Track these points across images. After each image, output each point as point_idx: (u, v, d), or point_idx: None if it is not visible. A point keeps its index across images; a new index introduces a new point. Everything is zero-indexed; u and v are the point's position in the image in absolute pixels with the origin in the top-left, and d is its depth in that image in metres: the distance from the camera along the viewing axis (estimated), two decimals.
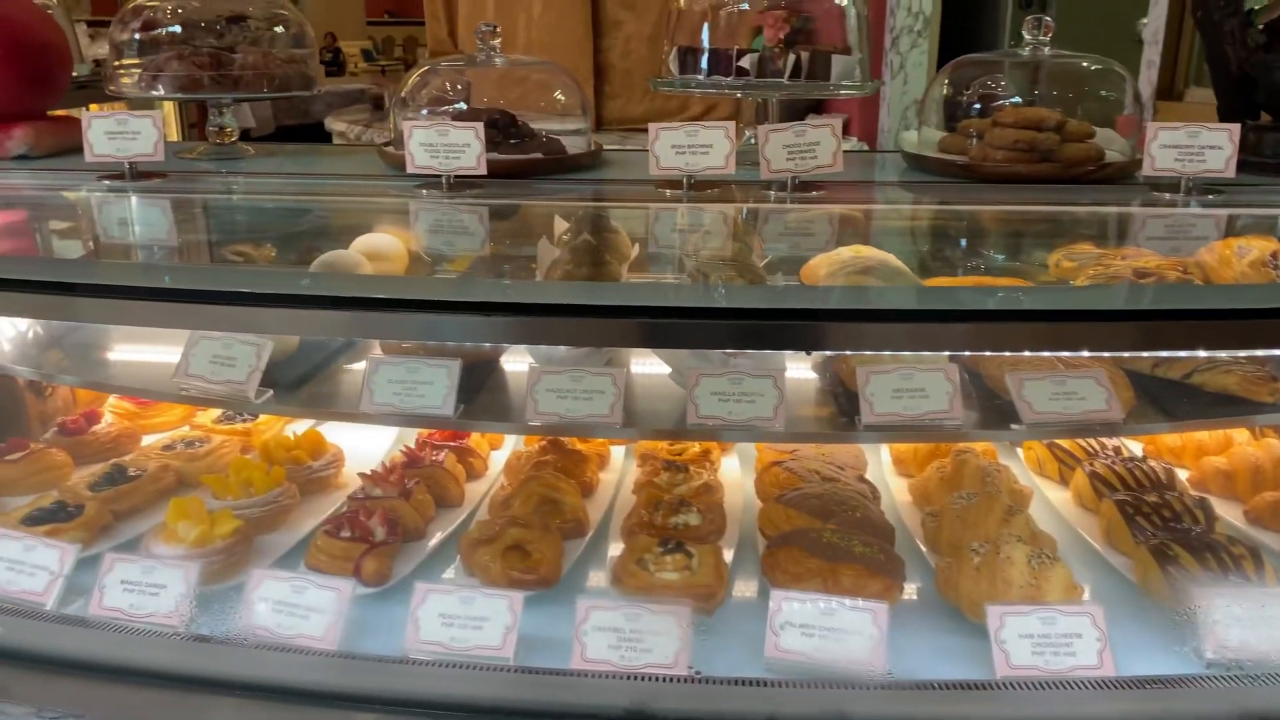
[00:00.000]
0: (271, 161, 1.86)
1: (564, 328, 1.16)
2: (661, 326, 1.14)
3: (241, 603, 1.28)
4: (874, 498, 1.57)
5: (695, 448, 1.71)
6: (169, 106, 4.46)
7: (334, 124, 4.37)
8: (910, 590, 1.41)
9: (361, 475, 1.55)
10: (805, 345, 1.28)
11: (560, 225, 1.57)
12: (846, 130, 3.46)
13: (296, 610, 1.26)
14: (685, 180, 1.53)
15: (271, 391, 1.40)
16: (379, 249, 1.59)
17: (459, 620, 1.24)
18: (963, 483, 1.57)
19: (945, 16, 3.10)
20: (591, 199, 1.65)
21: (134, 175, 1.64)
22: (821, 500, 1.49)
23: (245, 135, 6.26)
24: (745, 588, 1.43)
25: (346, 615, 1.25)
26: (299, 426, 1.71)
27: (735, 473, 1.76)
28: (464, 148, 1.52)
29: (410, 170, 1.54)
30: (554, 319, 1.15)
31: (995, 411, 1.32)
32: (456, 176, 1.55)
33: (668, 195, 1.56)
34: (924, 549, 1.50)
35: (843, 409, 1.35)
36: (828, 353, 1.43)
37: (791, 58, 1.62)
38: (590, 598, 1.25)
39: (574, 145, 1.79)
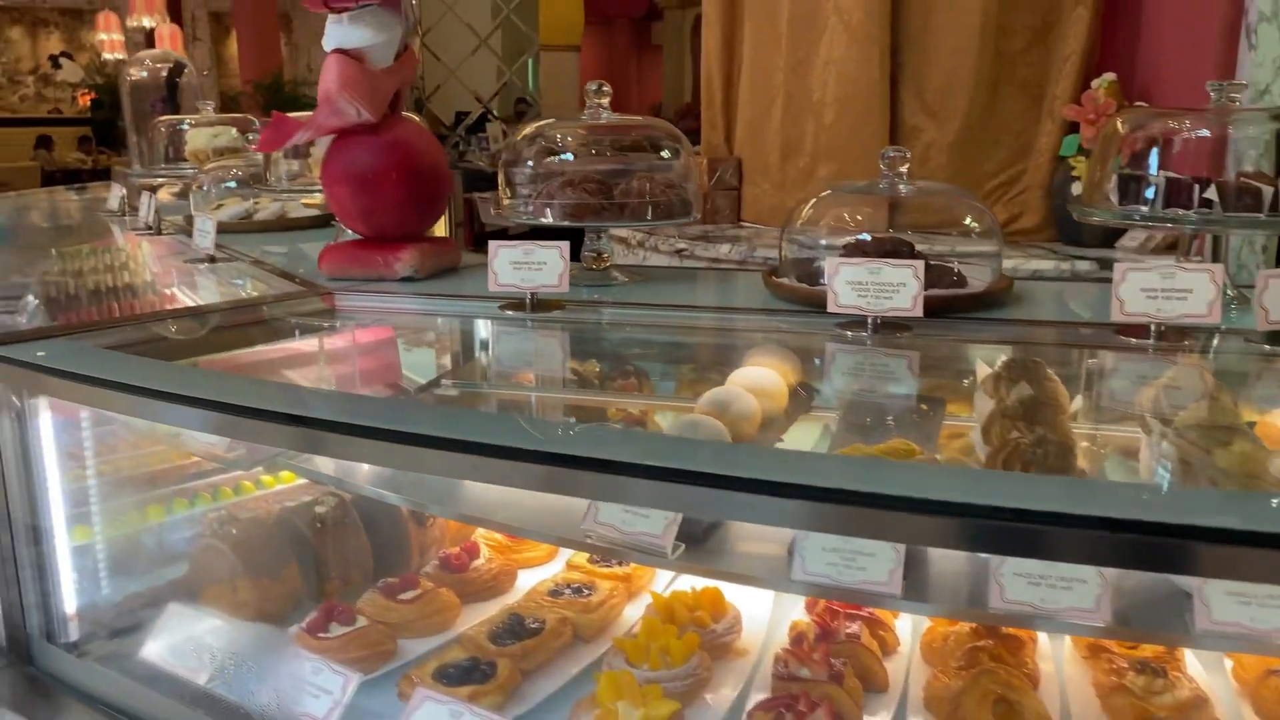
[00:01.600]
0: (648, 289, 1.81)
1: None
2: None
3: None
4: None
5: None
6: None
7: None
8: None
9: (785, 651, 1.40)
10: None
11: (990, 372, 1.41)
12: None
13: None
14: (1152, 328, 1.35)
15: (684, 546, 1.30)
16: (760, 385, 1.49)
17: None
18: None
19: None
20: (1025, 341, 1.49)
21: (534, 305, 1.61)
22: None
23: (503, 232, 6.48)
24: None
25: None
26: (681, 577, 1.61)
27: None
28: (898, 287, 1.39)
29: (833, 309, 1.44)
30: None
31: None
32: (883, 319, 1.42)
33: (1133, 344, 1.38)
34: None
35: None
36: None
37: (1268, 189, 1.42)
38: None
39: (978, 276, 1.64)
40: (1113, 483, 1.23)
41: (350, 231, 2.02)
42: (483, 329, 1.72)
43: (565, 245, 1.58)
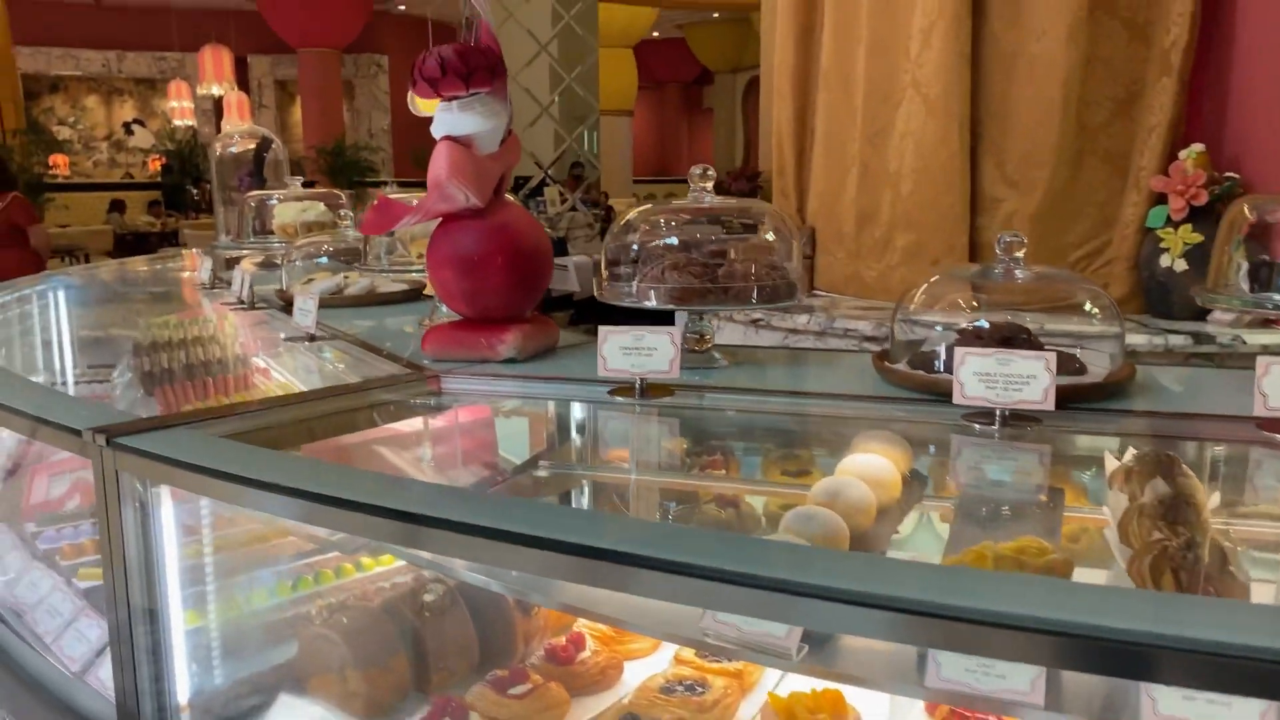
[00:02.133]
0: (753, 373, 1.79)
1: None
2: None
3: None
4: None
5: None
6: None
7: None
8: None
9: None
10: None
11: (1120, 466, 1.37)
12: None
13: None
14: None
15: (807, 648, 1.26)
16: (873, 474, 1.45)
17: None
18: None
19: None
20: (1157, 434, 1.44)
21: (643, 391, 1.59)
22: None
23: (568, 299, 6.45)
24: None
25: None
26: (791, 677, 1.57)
27: None
28: (1029, 379, 1.36)
29: (959, 400, 1.40)
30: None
31: None
32: (1012, 411, 1.39)
33: (1278, 440, 1.32)
34: None
35: None
36: None
37: None
38: None
39: (1097, 362, 1.60)
40: None
41: (444, 308, 2.04)
42: (593, 415, 1.71)
43: (676, 331, 1.57)
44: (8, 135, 12.67)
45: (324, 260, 2.77)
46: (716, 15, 19.59)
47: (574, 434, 1.78)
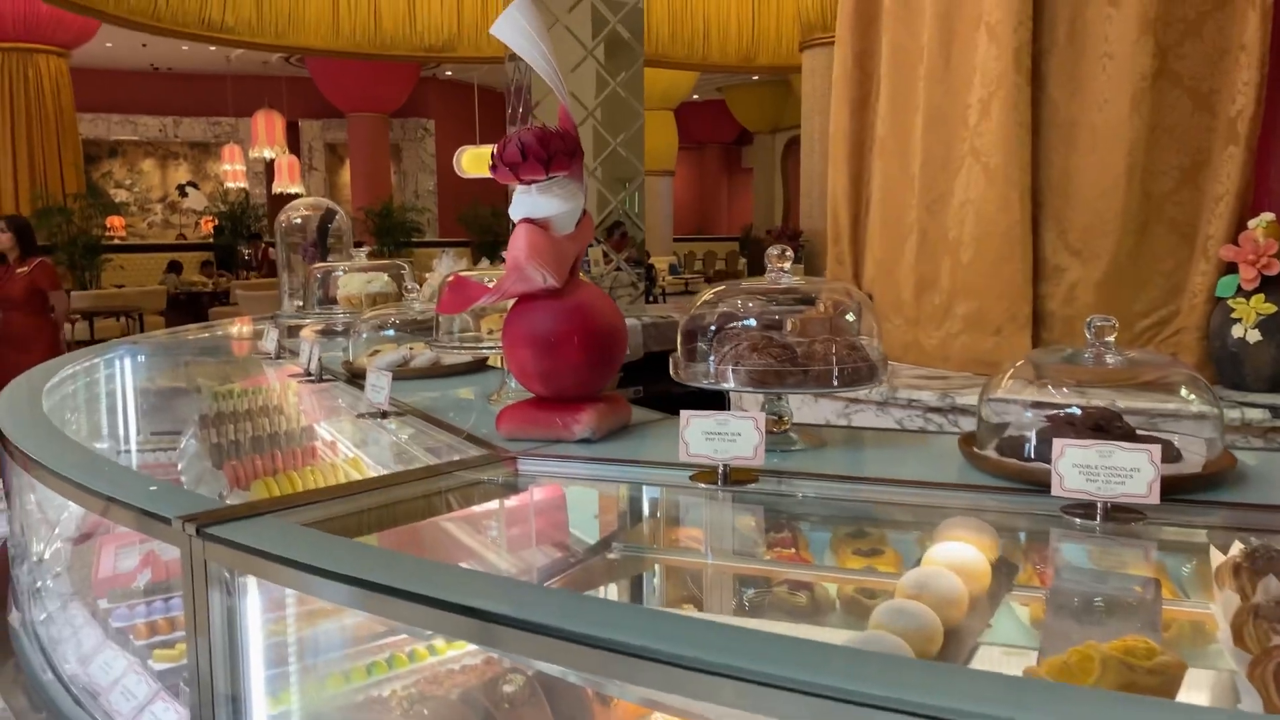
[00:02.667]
0: (834, 456, 1.76)
1: None
2: None
3: None
4: None
5: None
6: None
7: None
8: None
9: None
10: None
11: (1227, 561, 1.32)
12: None
13: None
14: None
15: None
16: (963, 564, 1.41)
17: None
18: None
19: None
20: (1264, 529, 1.39)
21: (726, 477, 1.57)
22: None
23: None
24: None
25: None
26: None
27: None
28: (1132, 472, 1.32)
29: (1058, 492, 1.37)
30: None
31: None
32: (1114, 504, 1.35)
33: None
34: None
35: None
36: None
37: None
38: None
39: (1194, 449, 1.55)
40: None
41: (513, 381, 2.04)
42: (676, 500, 1.69)
43: (761, 417, 1.55)
44: (69, 199, 13.05)
45: (390, 334, 2.80)
46: (756, 78, 19.83)
47: (652, 517, 1.76)
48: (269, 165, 19.00)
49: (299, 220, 3.74)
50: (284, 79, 19.53)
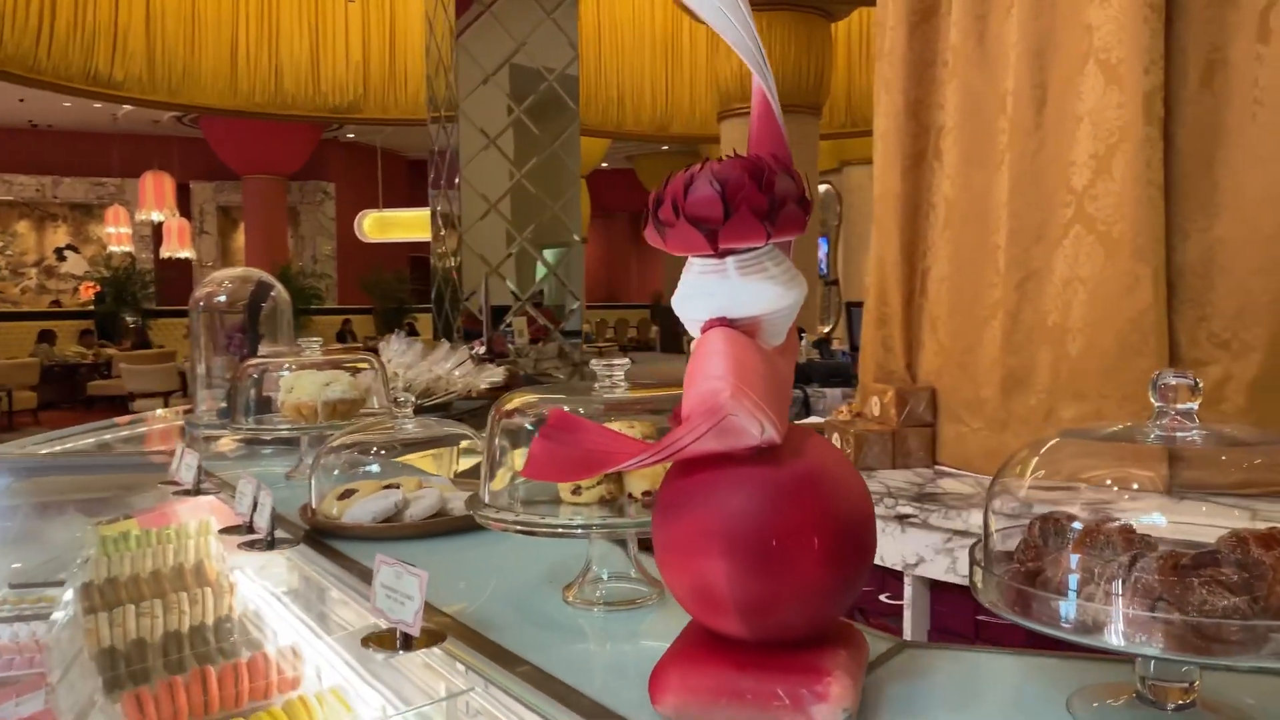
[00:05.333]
0: None
1: None
2: None
3: None
4: None
5: None
6: None
7: None
8: None
9: None
10: None
11: None
12: None
13: None
14: None
15: None
16: None
17: None
18: None
19: None
20: None
21: None
22: None
23: None
24: None
25: None
26: None
27: None
28: None
29: None
30: None
31: None
32: None
33: None
34: None
35: None
36: None
37: None
38: None
39: None
40: None
41: (598, 568, 1.21)
42: None
43: None
44: None
45: (374, 469, 1.93)
46: (666, 148, 19.54)
47: None
48: (157, 228, 17.71)
49: (222, 298, 2.83)
50: (175, 139, 18.36)
